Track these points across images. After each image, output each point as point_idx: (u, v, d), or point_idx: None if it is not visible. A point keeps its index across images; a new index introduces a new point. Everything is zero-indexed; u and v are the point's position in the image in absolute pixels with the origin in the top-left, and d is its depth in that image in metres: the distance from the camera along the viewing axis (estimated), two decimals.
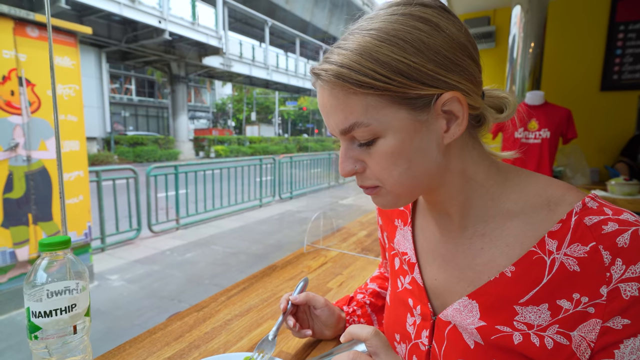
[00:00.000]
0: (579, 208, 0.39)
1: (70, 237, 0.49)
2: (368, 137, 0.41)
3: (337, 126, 0.42)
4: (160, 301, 2.94)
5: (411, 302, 0.52)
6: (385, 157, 0.41)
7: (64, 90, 3.00)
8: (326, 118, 0.43)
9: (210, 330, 0.72)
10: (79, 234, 3.19)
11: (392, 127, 0.39)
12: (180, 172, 5.18)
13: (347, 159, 0.44)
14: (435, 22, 0.39)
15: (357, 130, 0.40)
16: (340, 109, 0.40)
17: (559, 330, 0.38)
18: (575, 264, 0.37)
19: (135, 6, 12.29)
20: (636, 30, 2.92)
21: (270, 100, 31.31)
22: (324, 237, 1.35)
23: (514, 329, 0.40)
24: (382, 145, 0.40)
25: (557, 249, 0.39)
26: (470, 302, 0.44)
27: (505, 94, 0.47)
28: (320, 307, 0.65)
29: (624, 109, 2.99)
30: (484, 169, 0.45)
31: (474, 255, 0.45)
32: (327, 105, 0.41)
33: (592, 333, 0.37)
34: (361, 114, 0.39)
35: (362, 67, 0.37)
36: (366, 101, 0.39)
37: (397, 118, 0.39)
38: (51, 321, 0.45)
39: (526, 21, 2.70)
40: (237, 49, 18.66)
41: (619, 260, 0.35)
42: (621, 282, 0.35)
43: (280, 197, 7.28)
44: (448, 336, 0.46)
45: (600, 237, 0.37)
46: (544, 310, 0.39)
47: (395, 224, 0.59)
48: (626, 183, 2.02)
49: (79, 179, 3.16)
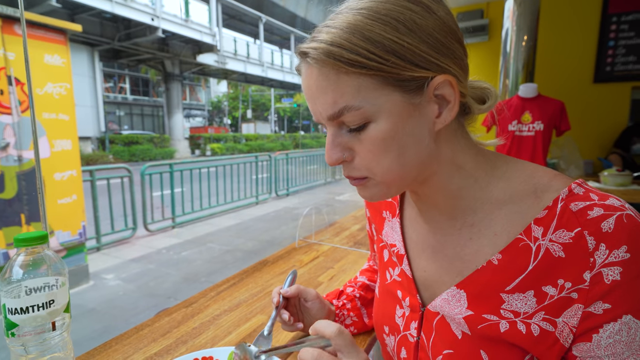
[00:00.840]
0: (564, 194, 0.39)
1: (47, 233, 0.48)
2: (358, 122, 0.38)
3: (325, 111, 0.39)
4: (156, 300, 2.93)
5: (400, 294, 0.52)
6: (376, 142, 0.39)
7: (55, 89, 2.96)
8: (312, 102, 0.41)
9: (199, 325, 0.72)
10: (73, 234, 3.17)
11: (385, 110, 0.38)
12: (176, 170, 5.16)
13: (334, 147, 0.41)
14: (426, 4, 0.38)
15: (347, 115, 0.38)
16: (330, 90, 0.38)
17: (545, 317, 0.38)
18: (561, 249, 0.37)
19: (128, 4, 12.18)
20: (629, 21, 2.92)
21: (266, 97, 31.19)
22: (317, 232, 1.34)
23: (501, 317, 0.40)
24: (373, 130, 0.38)
25: (542, 236, 0.38)
26: (459, 292, 0.43)
27: (487, 84, 0.47)
28: (312, 300, 0.65)
29: (617, 100, 2.99)
30: (472, 157, 0.44)
31: (462, 245, 0.45)
32: (314, 87, 0.39)
33: (574, 318, 0.36)
34: (352, 96, 0.37)
35: (354, 45, 0.36)
36: (358, 82, 0.37)
37: (390, 101, 0.38)
38: (28, 318, 0.44)
39: (519, 14, 2.69)
40: (232, 46, 18.56)
41: (602, 245, 0.35)
42: (604, 267, 0.35)
43: (277, 194, 7.27)
44: (436, 327, 0.46)
45: (585, 223, 0.36)
46: (530, 297, 0.39)
47: (384, 215, 0.58)
48: (618, 174, 2.02)
49: (72, 179, 3.13)
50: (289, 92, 29.78)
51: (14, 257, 0.46)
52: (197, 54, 16.71)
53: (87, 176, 3.83)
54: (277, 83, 24.51)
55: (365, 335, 0.70)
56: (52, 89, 2.95)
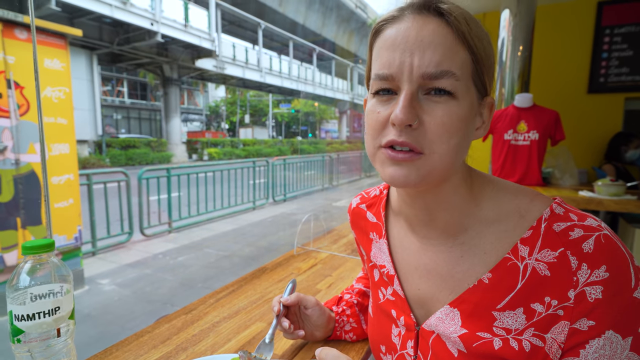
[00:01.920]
0: (547, 215, 0.41)
1: (54, 241, 0.49)
2: (448, 89, 0.39)
3: (426, 66, 0.38)
4: (152, 305, 2.91)
5: (394, 314, 0.52)
6: (453, 118, 0.39)
7: (54, 93, 2.97)
8: (409, 53, 0.39)
9: (198, 332, 0.72)
10: (69, 238, 3.15)
11: (467, 96, 0.41)
12: (173, 175, 5.15)
13: (411, 108, 0.39)
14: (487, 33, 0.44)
15: (444, 80, 0.39)
16: (441, 50, 0.38)
17: (535, 332, 0.39)
18: (546, 268, 0.39)
19: (127, 8, 12.22)
20: (621, 34, 2.98)
21: (264, 102, 31.27)
22: (315, 239, 1.35)
23: (494, 334, 0.41)
24: (455, 106, 0.39)
25: (528, 255, 0.40)
26: (452, 310, 0.45)
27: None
28: (312, 307, 0.65)
29: (611, 111, 3.04)
30: (468, 175, 0.47)
31: (454, 263, 0.46)
32: (426, 39, 0.39)
33: (562, 334, 0.38)
34: (458, 67, 0.39)
35: (473, 32, 0.40)
36: (466, 59, 0.40)
37: (471, 91, 0.41)
38: (34, 324, 0.45)
39: (515, 25, 2.74)
40: (230, 52, 18.63)
41: (584, 264, 0.37)
42: (586, 286, 0.37)
43: (274, 199, 7.26)
44: (432, 345, 0.46)
45: (567, 243, 0.38)
46: (519, 315, 0.40)
47: (371, 237, 0.59)
48: (612, 184, 2.05)
49: (69, 183, 3.13)
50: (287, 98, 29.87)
51: (21, 265, 0.47)
52: (195, 59, 16.76)
53: (83, 180, 3.82)
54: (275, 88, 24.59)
55: (363, 343, 0.71)
56: (51, 93, 2.95)
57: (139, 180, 4.61)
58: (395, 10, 0.42)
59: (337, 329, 0.69)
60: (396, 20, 0.41)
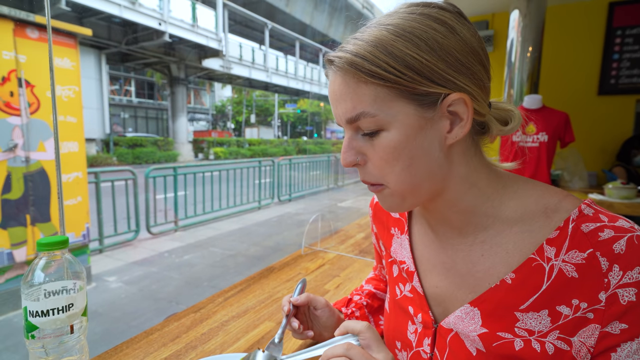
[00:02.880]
0: (575, 215, 0.40)
1: (68, 238, 0.49)
2: (373, 128, 0.41)
3: (344, 114, 0.42)
4: (158, 303, 2.93)
5: (412, 310, 0.52)
6: (387, 150, 0.41)
7: (64, 92, 3.00)
8: (335, 106, 0.44)
9: (207, 331, 0.72)
10: (77, 235, 3.18)
11: (398, 120, 0.40)
12: (179, 174, 5.18)
13: (350, 149, 0.44)
14: (450, 25, 0.40)
15: (363, 120, 0.41)
16: (349, 97, 0.41)
17: (560, 335, 0.38)
18: (574, 270, 0.38)
19: (136, 8, 12.32)
20: (633, 35, 2.94)
21: (270, 102, 31.35)
22: (322, 239, 1.35)
23: (515, 335, 0.40)
24: (385, 138, 0.41)
25: (555, 256, 0.39)
26: (472, 310, 0.44)
27: (511, 106, 0.48)
28: (321, 308, 0.65)
29: (622, 113, 3.00)
30: (485, 176, 0.45)
31: (474, 262, 0.46)
32: (337, 92, 0.42)
33: (592, 338, 0.37)
34: (369, 104, 0.40)
35: (376, 58, 0.38)
36: (376, 92, 0.39)
37: (403, 112, 0.40)
38: (48, 320, 0.46)
39: (524, 25, 2.72)
40: (237, 52, 18.71)
41: (616, 266, 0.36)
42: (619, 288, 0.36)
43: (279, 199, 7.28)
44: (450, 344, 0.46)
45: (597, 244, 0.37)
46: (544, 317, 0.39)
47: (392, 232, 0.59)
48: (623, 187, 2.02)
49: (78, 180, 3.16)
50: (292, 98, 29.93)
51: (35, 261, 0.47)
52: (202, 59, 16.85)
53: (91, 178, 3.86)
54: (282, 89, 24.65)
55: None
56: (61, 91, 2.98)
57: (146, 178, 4.64)
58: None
59: None
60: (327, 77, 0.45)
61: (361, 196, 8.24)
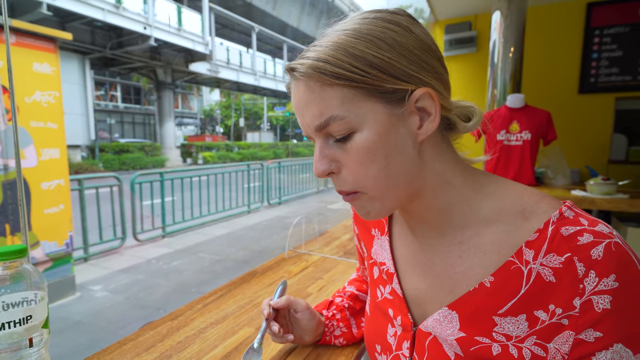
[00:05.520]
0: (556, 217, 0.39)
1: (27, 246, 0.47)
2: (344, 132, 0.40)
3: (312, 122, 0.41)
4: (145, 311, 2.87)
5: (391, 313, 0.51)
6: (361, 151, 0.40)
7: (43, 97, 2.93)
8: (301, 116, 0.42)
9: (184, 339, 0.70)
10: (59, 244, 3.10)
11: (368, 120, 0.39)
12: (166, 179, 5.11)
13: (322, 158, 0.42)
14: (405, 25, 0.41)
15: (333, 125, 0.40)
16: (315, 103, 0.40)
17: (536, 341, 0.38)
18: (551, 274, 0.37)
19: (120, 12, 12.17)
20: (611, 34, 3.01)
21: (259, 105, 31.24)
22: (307, 242, 1.33)
23: (493, 340, 0.40)
24: (358, 140, 0.40)
25: (533, 259, 0.39)
26: (450, 313, 0.43)
27: (470, 103, 0.48)
28: (302, 311, 0.64)
29: (602, 111, 3.07)
30: (460, 173, 0.45)
31: (452, 263, 0.45)
32: (302, 100, 0.41)
33: (566, 345, 0.36)
34: (337, 107, 0.39)
35: (338, 60, 0.38)
36: (342, 93, 0.39)
37: (373, 111, 0.39)
38: (4, 334, 0.43)
39: (506, 26, 2.75)
40: (224, 55, 18.62)
41: (592, 272, 0.35)
42: (593, 295, 0.35)
43: (269, 202, 7.24)
44: (429, 347, 0.45)
45: (575, 249, 0.36)
46: (522, 321, 0.39)
47: (373, 233, 0.58)
48: (604, 183, 2.06)
49: (60, 188, 3.08)
50: (281, 101, 29.89)
51: None
52: (189, 63, 16.72)
53: (75, 185, 3.77)
54: (270, 92, 24.60)
55: (353, 347, 0.69)
56: (41, 97, 2.91)
57: (132, 184, 4.56)
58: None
59: (327, 333, 0.67)
60: (289, 88, 0.44)
61: None
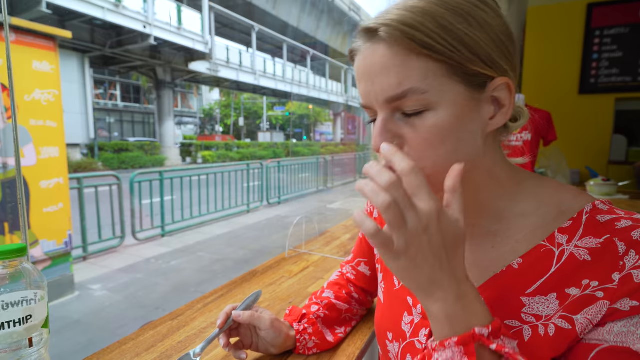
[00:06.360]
0: (589, 208, 0.40)
1: (26, 245, 0.46)
2: (418, 108, 0.37)
3: (386, 92, 0.37)
4: (144, 310, 2.87)
5: (410, 301, 0.51)
6: (434, 131, 0.37)
7: (43, 95, 2.92)
8: (370, 83, 0.39)
9: (184, 339, 0.70)
10: (59, 243, 3.10)
11: (448, 99, 0.37)
12: (166, 178, 5.10)
13: (385, 132, 0.39)
14: (493, 6, 0.38)
15: (409, 98, 0.37)
16: (396, 71, 0.36)
17: (562, 314, 0.37)
18: (587, 253, 0.37)
19: (120, 11, 12.14)
20: (611, 35, 3.01)
21: (259, 105, 31.21)
22: (307, 241, 1.33)
23: (523, 322, 0.39)
24: (431, 118, 0.37)
25: (567, 242, 0.39)
26: None
27: (521, 105, 0.48)
28: (265, 329, 0.61)
29: (602, 111, 3.07)
30: (507, 169, 0.45)
31: (482, 252, 0.45)
32: (378, 65, 0.37)
33: (599, 315, 0.36)
34: (419, 80, 0.36)
35: (427, 29, 0.35)
36: (427, 66, 0.36)
37: (454, 91, 0.37)
38: (4, 334, 0.43)
39: None
40: (224, 54, 18.57)
41: (632, 251, 0.36)
42: (634, 269, 0.35)
43: (269, 202, 7.23)
44: None
45: (614, 231, 0.37)
46: (552, 300, 0.38)
47: None
48: (604, 183, 2.06)
49: (59, 186, 3.07)
50: (281, 101, 29.87)
51: None
52: (189, 62, 16.68)
53: (74, 184, 3.77)
54: (270, 91, 24.57)
55: (362, 334, 0.69)
56: (40, 95, 2.91)
57: (131, 183, 4.55)
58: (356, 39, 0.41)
59: (300, 347, 0.65)
60: (357, 51, 0.40)
61: (350, 197, 8.26)
